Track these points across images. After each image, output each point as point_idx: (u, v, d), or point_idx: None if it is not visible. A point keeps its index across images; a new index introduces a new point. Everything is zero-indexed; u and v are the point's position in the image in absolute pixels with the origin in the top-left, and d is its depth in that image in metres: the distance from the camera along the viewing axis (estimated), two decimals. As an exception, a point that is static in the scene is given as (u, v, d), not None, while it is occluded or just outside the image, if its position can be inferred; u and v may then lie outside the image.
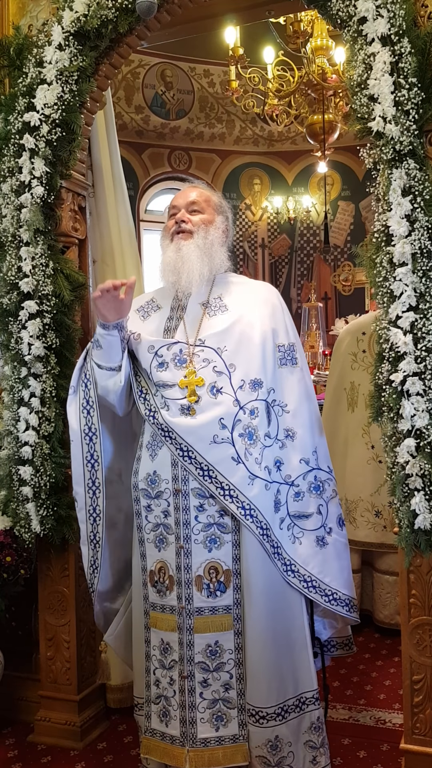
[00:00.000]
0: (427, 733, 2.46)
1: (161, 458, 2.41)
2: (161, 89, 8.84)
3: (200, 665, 2.40)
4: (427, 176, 2.32)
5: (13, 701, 3.30)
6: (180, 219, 2.53)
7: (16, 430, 2.97)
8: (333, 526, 2.52)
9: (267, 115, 6.73)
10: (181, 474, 2.38)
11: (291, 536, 2.45)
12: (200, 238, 2.52)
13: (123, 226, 3.52)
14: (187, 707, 2.40)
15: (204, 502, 2.37)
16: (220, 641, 2.39)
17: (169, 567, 2.43)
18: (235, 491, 2.33)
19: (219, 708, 2.40)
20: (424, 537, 2.36)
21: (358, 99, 2.39)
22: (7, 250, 2.97)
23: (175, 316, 2.56)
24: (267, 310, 2.53)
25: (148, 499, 2.45)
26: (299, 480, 2.47)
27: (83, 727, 3.09)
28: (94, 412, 2.51)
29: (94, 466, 2.52)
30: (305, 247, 9.68)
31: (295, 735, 2.42)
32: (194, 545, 2.39)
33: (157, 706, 2.47)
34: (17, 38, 3.02)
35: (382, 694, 3.37)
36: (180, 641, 2.41)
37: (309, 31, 5.98)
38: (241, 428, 2.36)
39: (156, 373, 2.44)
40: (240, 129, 9.43)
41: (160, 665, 2.46)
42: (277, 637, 2.39)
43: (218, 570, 2.39)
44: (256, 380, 2.41)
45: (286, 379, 2.49)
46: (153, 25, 2.96)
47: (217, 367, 2.40)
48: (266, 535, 2.36)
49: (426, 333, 2.30)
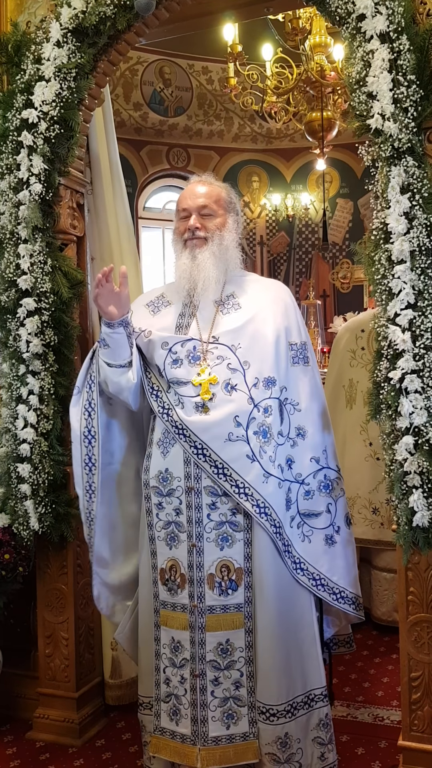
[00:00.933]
0: (425, 730, 2.47)
1: (173, 455, 2.41)
2: (160, 86, 8.83)
3: (212, 663, 2.40)
4: (426, 173, 2.32)
5: (11, 698, 3.30)
6: (193, 226, 2.49)
7: (14, 427, 2.97)
8: (341, 524, 2.54)
9: (265, 112, 6.72)
10: (194, 472, 2.37)
11: (301, 534, 2.46)
12: (215, 245, 2.50)
13: (121, 224, 3.52)
14: (198, 706, 2.40)
15: (216, 500, 2.37)
16: (231, 639, 2.39)
17: (180, 565, 2.42)
18: (250, 489, 2.33)
19: (230, 706, 2.40)
20: (423, 534, 2.36)
21: (357, 96, 2.39)
22: (6, 248, 2.96)
23: (187, 312, 2.55)
24: (280, 309, 2.54)
25: (159, 496, 2.44)
26: (309, 478, 2.49)
27: (82, 724, 3.09)
28: (95, 415, 2.51)
29: (91, 470, 2.52)
30: (304, 245, 9.68)
31: (303, 732, 2.44)
32: (206, 543, 2.38)
33: (167, 705, 2.47)
34: (15, 35, 3.01)
35: (380, 691, 3.37)
36: (192, 640, 2.41)
37: (308, 28, 5.97)
38: (255, 426, 2.36)
39: (170, 370, 2.43)
40: (238, 126, 9.43)
41: (171, 663, 2.46)
42: (287, 634, 2.41)
43: (230, 568, 2.39)
44: (269, 378, 2.42)
45: (298, 378, 2.51)
46: (151, 22, 2.95)
47: (232, 365, 2.40)
48: (278, 533, 2.38)
49: (424, 330, 2.30)
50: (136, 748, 3.00)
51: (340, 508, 2.54)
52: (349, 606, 2.53)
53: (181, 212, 2.56)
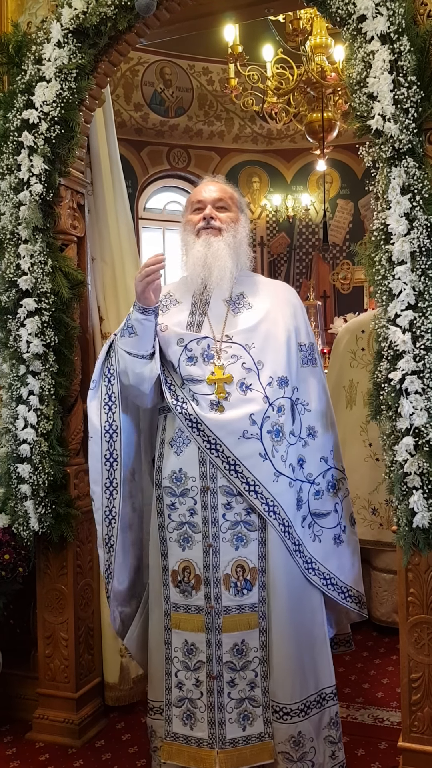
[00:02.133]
0: (425, 731, 2.46)
1: (188, 455, 2.40)
2: (160, 87, 8.83)
3: (228, 665, 2.39)
4: (426, 174, 2.32)
5: (11, 699, 3.30)
6: (209, 215, 2.51)
7: (14, 427, 2.97)
8: (347, 524, 2.57)
9: (266, 113, 6.72)
10: (210, 471, 2.37)
11: (311, 534, 2.48)
12: (230, 236, 2.52)
13: (122, 224, 3.52)
14: (216, 708, 2.39)
15: (231, 500, 2.37)
16: (246, 640, 2.39)
17: (195, 566, 2.41)
18: (260, 487, 2.35)
19: (245, 707, 2.40)
20: (423, 535, 2.36)
21: (358, 97, 2.39)
22: (6, 248, 2.96)
23: (198, 311, 2.54)
24: (289, 310, 2.56)
25: (173, 497, 2.43)
26: (319, 478, 2.51)
27: (81, 725, 3.09)
28: (116, 409, 2.48)
29: (112, 465, 2.49)
30: (304, 246, 9.69)
31: (316, 730, 2.45)
32: (222, 543, 2.38)
33: (180, 709, 2.44)
34: (16, 35, 3.01)
35: (380, 692, 3.37)
36: (208, 641, 2.40)
37: (308, 29, 5.97)
38: (269, 425, 2.37)
39: (185, 367, 2.43)
40: (239, 127, 9.43)
41: (184, 667, 2.44)
42: (300, 634, 2.42)
43: (245, 568, 2.39)
44: (282, 378, 2.43)
45: (307, 379, 2.53)
46: (152, 22, 2.95)
47: (246, 364, 2.41)
48: (288, 532, 2.39)
49: (425, 331, 2.30)
50: (136, 749, 3.00)
51: (346, 508, 2.58)
52: (356, 604, 2.56)
53: (195, 204, 2.57)
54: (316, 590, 2.48)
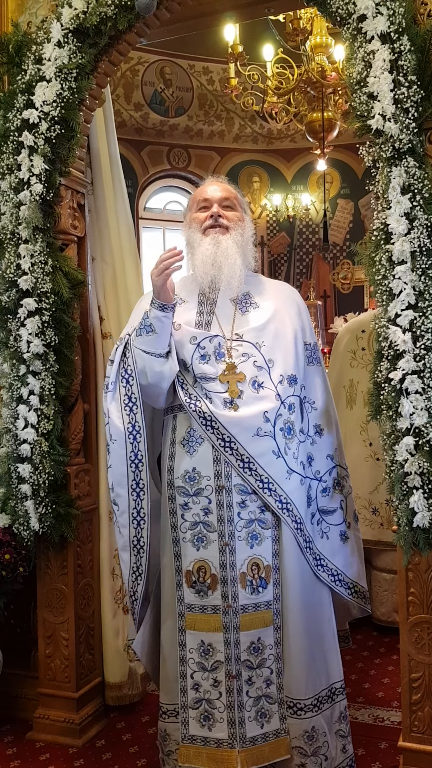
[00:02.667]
0: (425, 731, 2.46)
1: (202, 454, 2.40)
2: (160, 87, 8.83)
3: (245, 663, 2.40)
4: (427, 174, 2.32)
5: (11, 699, 3.30)
6: (217, 213, 2.53)
7: (14, 427, 2.97)
8: (351, 521, 2.61)
9: (266, 112, 6.72)
10: (224, 470, 2.38)
11: (320, 531, 2.51)
12: (237, 234, 2.54)
13: (122, 224, 3.52)
14: (236, 707, 2.39)
15: (246, 498, 2.38)
16: (262, 637, 2.40)
17: (210, 566, 2.41)
18: (273, 485, 2.36)
19: (262, 705, 2.41)
20: (423, 535, 2.36)
21: (358, 97, 2.39)
22: (6, 248, 2.96)
23: (205, 310, 2.55)
24: (294, 310, 2.59)
25: (186, 496, 2.42)
26: (326, 476, 2.55)
27: (82, 725, 3.09)
28: (137, 409, 2.45)
29: (138, 467, 2.44)
30: (304, 245, 9.68)
31: (328, 725, 2.47)
32: (238, 542, 2.39)
33: (197, 711, 2.43)
34: (16, 35, 3.01)
35: (380, 691, 3.37)
36: (226, 641, 2.39)
37: (308, 28, 5.97)
38: (281, 423, 2.39)
39: (198, 365, 2.43)
40: (239, 126, 9.43)
41: (200, 668, 2.43)
42: (312, 629, 2.44)
43: (259, 566, 2.40)
44: (292, 376, 2.46)
45: (313, 377, 2.57)
46: (152, 22, 2.95)
47: (257, 362, 2.42)
48: (300, 529, 2.41)
49: (425, 331, 2.30)
50: (137, 749, 3.00)
51: (350, 505, 2.61)
52: (362, 599, 2.60)
53: (201, 202, 2.58)
54: (324, 586, 2.51)
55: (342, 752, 2.53)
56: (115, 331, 3.39)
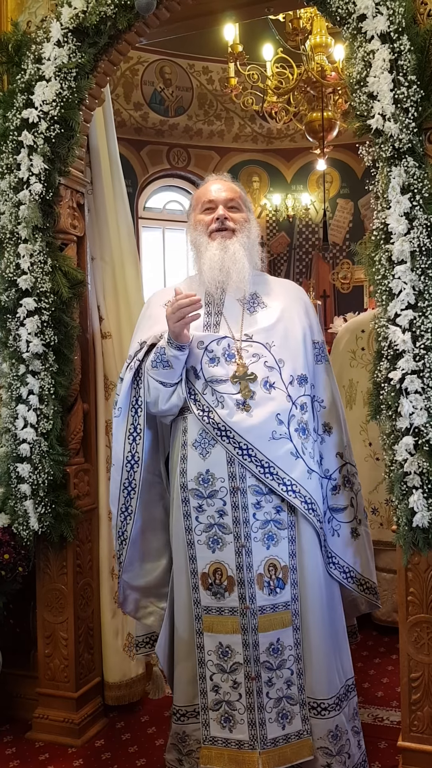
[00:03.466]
0: (424, 730, 2.46)
1: (215, 457, 2.38)
2: (160, 86, 8.83)
3: (265, 665, 2.39)
4: (426, 174, 2.32)
5: (11, 698, 3.30)
6: (222, 216, 2.50)
7: (14, 427, 2.97)
8: (362, 517, 2.61)
9: (266, 112, 6.72)
10: (239, 471, 2.36)
11: (331, 529, 2.51)
12: (244, 237, 2.52)
13: (122, 223, 3.52)
14: (256, 709, 2.39)
15: (261, 498, 2.37)
16: (281, 638, 2.39)
17: (227, 568, 2.40)
18: (297, 486, 2.36)
19: (283, 706, 2.40)
20: (422, 535, 2.36)
21: (358, 96, 2.39)
22: (6, 247, 2.96)
23: (213, 311, 2.53)
24: (301, 308, 2.58)
25: (200, 499, 2.41)
26: (335, 474, 2.55)
27: (81, 725, 3.09)
28: (140, 440, 2.48)
29: (129, 494, 2.51)
30: (304, 245, 9.69)
31: (348, 722, 2.49)
32: (254, 543, 2.38)
33: (217, 713, 2.43)
34: (16, 34, 3.01)
35: (379, 691, 3.37)
36: (245, 642, 2.39)
37: (308, 28, 5.97)
38: (295, 423, 2.40)
39: (207, 369, 2.41)
40: (239, 126, 9.43)
41: (219, 670, 2.42)
42: (331, 626, 2.45)
43: (276, 567, 2.39)
44: (302, 376, 2.46)
45: (321, 375, 2.57)
46: (152, 21, 2.95)
47: (268, 362, 2.41)
48: (322, 528, 2.44)
49: (424, 331, 2.29)
50: (136, 749, 3.00)
51: (360, 502, 2.61)
52: (373, 596, 2.60)
53: (206, 204, 2.55)
54: (335, 583, 2.52)
55: (358, 748, 2.55)
56: (115, 331, 3.39)
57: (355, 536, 2.57)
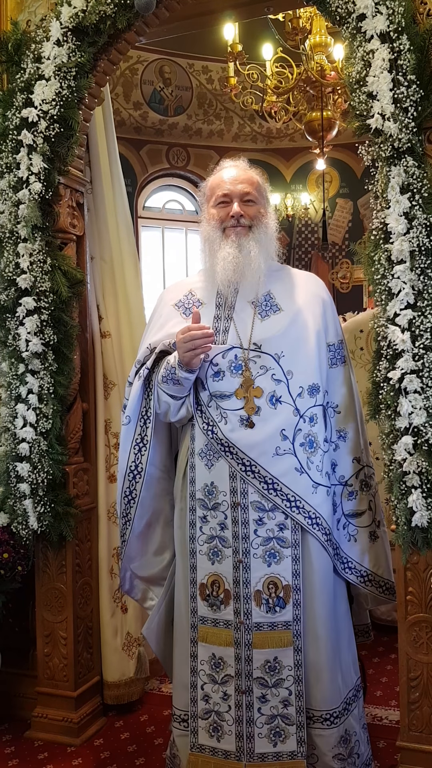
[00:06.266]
0: (423, 729, 2.46)
1: (219, 470, 2.36)
2: (159, 85, 8.82)
3: (259, 680, 2.35)
4: (426, 174, 2.32)
5: (10, 698, 3.30)
6: (238, 213, 2.40)
7: (13, 426, 2.97)
8: (381, 519, 2.55)
9: (265, 111, 6.70)
10: (240, 487, 2.33)
11: (347, 534, 2.47)
12: (260, 233, 2.42)
13: (121, 223, 3.52)
14: (244, 722, 2.36)
15: (264, 515, 2.33)
16: (279, 657, 2.34)
17: (225, 581, 2.37)
18: (301, 501, 2.31)
19: (277, 724, 2.35)
20: (421, 534, 2.36)
21: (357, 96, 2.39)
22: (5, 247, 2.96)
23: (223, 315, 2.44)
24: (318, 308, 2.46)
25: (205, 509, 2.39)
26: (352, 479, 2.49)
27: (80, 724, 3.09)
28: (145, 451, 2.48)
29: (129, 503, 2.52)
30: (303, 245, 9.68)
31: (357, 722, 2.47)
32: (253, 560, 2.34)
33: (206, 722, 2.41)
34: (15, 34, 3.01)
35: (378, 690, 3.37)
36: (237, 656, 2.36)
37: (308, 27, 5.96)
38: (301, 438, 2.33)
39: (212, 383, 2.36)
40: (238, 126, 9.42)
41: (211, 680, 2.40)
42: (339, 639, 2.42)
43: (277, 585, 2.34)
44: (313, 385, 2.37)
45: (336, 380, 2.47)
46: (151, 21, 2.95)
47: (276, 375, 2.34)
48: (329, 540, 2.38)
49: (424, 330, 2.30)
50: (135, 748, 3.00)
51: (378, 503, 2.56)
52: (392, 595, 2.54)
53: (220, 198, 2.44)
54: (343, 586, 2.49)
55: (366, 745, 2.54)
56: (114, 330, 3.39)
57: (374, 539, 2.50)
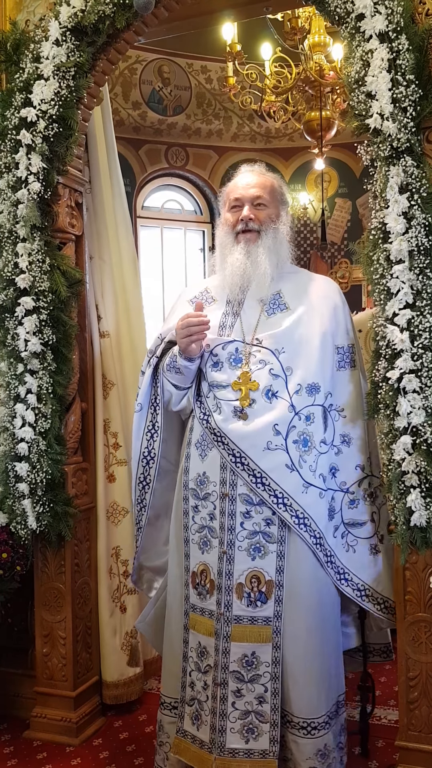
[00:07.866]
0: (422, 729, 2.46)
1: (211, 460, 2.38)
2: (158, 85, 8.81)
3: (234, 674, 2.35)
4: (425, 173, 2.32)
5: (8, 697, 3.30)
6: (247, 217, 2.43)
7: (12, 426, 2.97)
8: (384, 533, 2.51)
9: (264, 111, 6.71)
10: (230, 478, 2.34)
11: (345, 544, 2.44)
12: (269, 238, 2.45)
13: (120, 222, 3.52)
14: (218, 715, 2.36)
15: (251, 509, 2.33)
16: (257, 653, 2.34)
17: (210, 570, 2.40)
18: (288, 499, 2.30)
19: (251, 720, 2.35)
20: (420, 534, 2.36)
21: (356, 96, 2.39)
22: (4, 246, 2.96)
23: (231, 311, 2.49)
24: (328, 310, 2.47)
25: (196, 499, 2.42)
26: (354, 487, 2.46)
27: (79, 724, 3.09)
28: (157, 437, 2.53)
29: (144, 488, 2.58)
30: (302, 244, 9.68)
31: (335, 739, 2.42)
32: (237, 552, 2.35)
33: (191, 708, 2.44)
34: (14, 33, 3.01)
35: (377, 690, 3.36)
36: (216, 647, 2.37)
37: (307, 27, 5.96)
38: (295, 435, 2.32)
39: (210, 373, 2.41)
40: (237, 125, 9.41)
41: (196, 668, 2.43)
42: (321, 646, 2.38)
43: (260, 579, 2.34)
44: (313, 385, 2.37)
45: (343, 384, 2.46)
46: (150, 21, 2.95)
47: (274, 370, 2.35)
48: (319, 544, 2.35)
49: (423, 330, 2.30)
50: (134, 747, 3.00)
51: (383, 516, 2.51)
52: (392, 615, 2.49)
53: (233, 202, 2.50)
54: (336, 599, 2.45)
55: (340, 764, 2.47)
56: (113, 330, 3.39)
57: (375, 553, 2.47)
